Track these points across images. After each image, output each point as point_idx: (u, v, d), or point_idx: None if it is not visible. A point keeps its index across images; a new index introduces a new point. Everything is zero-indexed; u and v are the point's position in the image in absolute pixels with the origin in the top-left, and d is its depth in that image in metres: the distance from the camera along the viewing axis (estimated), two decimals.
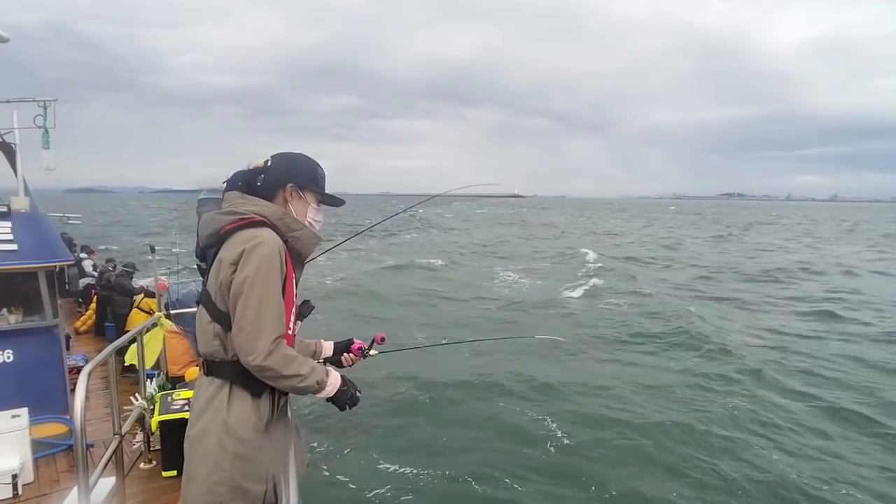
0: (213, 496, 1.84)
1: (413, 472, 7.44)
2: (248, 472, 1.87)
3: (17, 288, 5.61)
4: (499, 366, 11.52)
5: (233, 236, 1.90)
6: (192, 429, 1.93)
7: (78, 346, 9.54)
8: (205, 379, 1.95)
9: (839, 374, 11.63)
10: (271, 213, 1.97)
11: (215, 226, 1.96)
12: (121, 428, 3.89)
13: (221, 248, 1.92)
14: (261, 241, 1.85)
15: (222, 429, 1.85)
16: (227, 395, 1.89)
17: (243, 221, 1.91)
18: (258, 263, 1.81)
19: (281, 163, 2.08)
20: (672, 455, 7.88)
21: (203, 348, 1.95)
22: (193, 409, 1.97)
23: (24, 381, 5.33)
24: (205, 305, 1.95)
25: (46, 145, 6.92)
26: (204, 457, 1.85)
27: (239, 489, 1.85)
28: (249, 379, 1.88)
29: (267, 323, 1.80)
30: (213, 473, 1.84)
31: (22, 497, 4.45)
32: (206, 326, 1.92)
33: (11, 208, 5.74)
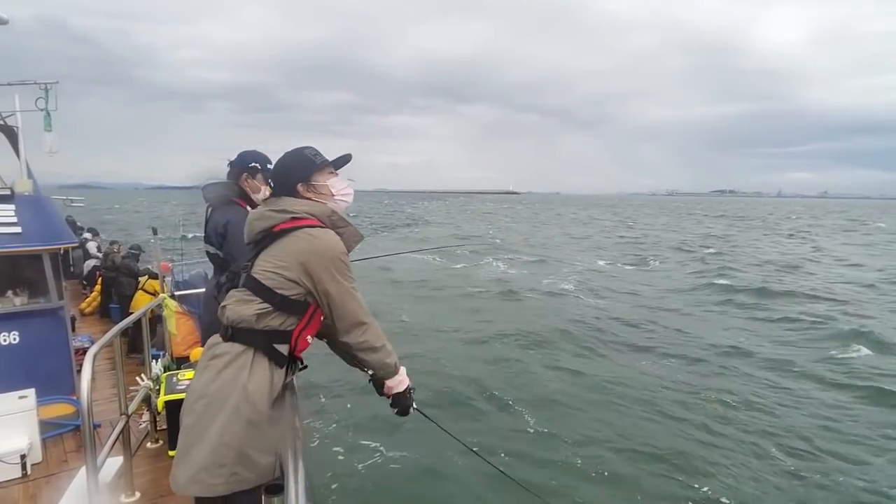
0: (218, 457, 1.85)
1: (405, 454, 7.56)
2: (257, 442, 1.89)
3: (21, 270, 5.63)
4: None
5: (290, 234, 2.02)
6: (207, 386, 1.94)
7: (83, 327, 9.62)
8: (224, 345, 2.00)
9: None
10: (321, 212, 2.10)
11: (268, 223, 2.07)
12: (127, 408, 3.93)
13: (279, 243, 2.03)
14: (325, 238, 2.03)
15: (241, 393, 1.89)
16: (250, 361, 1.95)
17: (297, 222, 2.04)
18: (338, 261, 2.02)
19: (277, 174, 2.23)
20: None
21: (235, 319, 1.99)
22: (207, 368, 1.99)
23: (30, 362, 5.37)
24: (251, 288, 2.02)
25: (48, 128, 6.90)
26: (216, 416, 1.87)
27: (244, 456, 1.87)
28: (273, 349, 1.99)
29: (361, 305, 2.10)
30: (223, 435, 1.86)
31: (31, 477, 4.51)
32: (248, 303, 2.00)
33: (15, 191, 5.74)
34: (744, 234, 51.26)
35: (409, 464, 7.34)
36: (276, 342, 1.99)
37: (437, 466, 7.21)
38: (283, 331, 2.02)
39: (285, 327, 2.02)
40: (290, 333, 2.03)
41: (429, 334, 13.58)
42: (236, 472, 1.88)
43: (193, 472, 1.88)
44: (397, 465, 7.31)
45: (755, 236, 47.99)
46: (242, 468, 1.88)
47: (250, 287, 2.02)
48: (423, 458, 7.46)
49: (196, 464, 1.87)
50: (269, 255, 2.04)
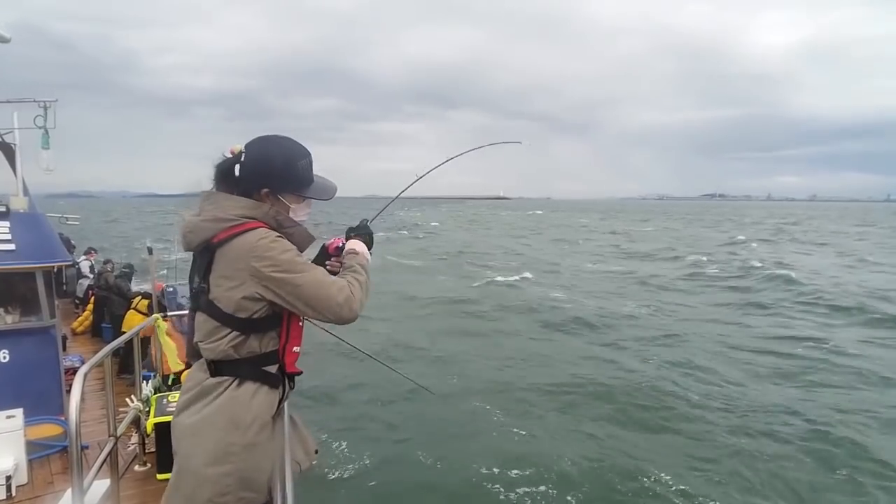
0: (221, 487, 1.81)
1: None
2: (257, 463, 1.86)
3: (14, 288, 5.60)
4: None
5: (228, 245, 1.84)
6: (191, 417, 1.89)
7: (75, 346, 9.54)
8: (211, 379, 1.91)
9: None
10: (261, 214, 1.90)
11: (205, 234, 1.88)
12: (116, 430, 3.87)
13: (219, 260, 1.86)
14: (261, 244, 1.81)
15: (231, 424, 1.84)
16: (238, 388, 1.88)
17: (235, 229, 1.84)
18: (279, 263, 1.81)
19: (253, 162, 1.94)
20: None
21: (212, 354, 1.90)
22: (194, 404, 1.92)
23: (19, 381, 5.31)
24: (213, 316, 1.89)
25: (46, 146, 6.92)
26: (210, 456, 1.82)
27: (246, 480, 1.84)
28: (262, 373, 1.91)
29: (328, 291, 1.85)
30: (221, 465, 1.81)
31: (16, 499, 4.43)
32: (216, 335, 1.88)
33: (10, 208, 5.73)
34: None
35: (400, 476, 7.30)
36: (263, 365, 1.92)
37: (428, 480, 7.21)
38: (267, 352, 1.92)
39: (268, 349, 1.92)
40: (276, 353, 1.94)
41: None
42: (241, 496, 1.86)
43: (198, 502, 1.84)
44: (387, 478, 7.26)
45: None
46: (246, 491, 1.86)
47: (211, 313, 1.89)
48: (413, 472, 7.44)
49: (198, 495, 1.84)
50: (217, 274, 1.86)
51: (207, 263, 1.90)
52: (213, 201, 1.93)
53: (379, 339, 13.50)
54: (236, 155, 1.95)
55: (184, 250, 2.01)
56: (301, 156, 2.00)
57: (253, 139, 1.99)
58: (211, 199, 1.94)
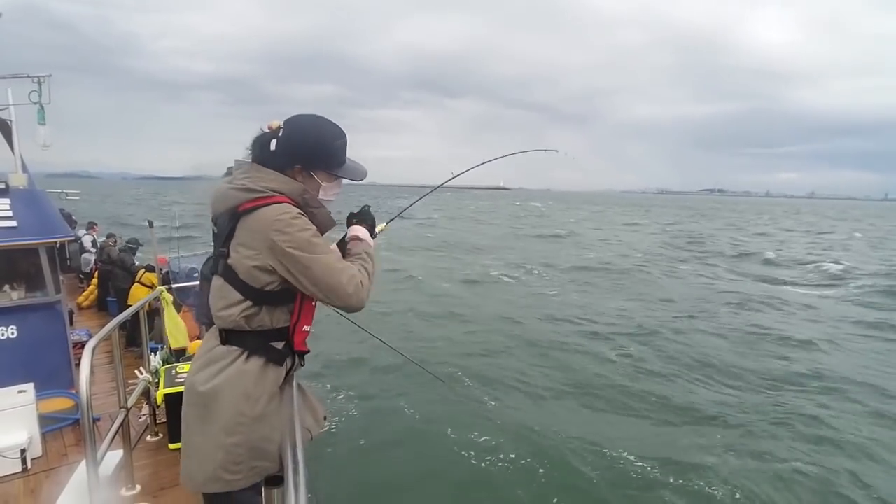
0: (232, 456, 1.86)
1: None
2: (267, 434, 1.90)
3: (18, 264, 5.61)
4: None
5: (252, 215, 1.87)
6: (203, 385, 1.92)
7: (81, 321, 9.61)
8: (220, 348, 1.95)
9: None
10: (290, 189, 1.93)
11: (231, 202, 1.91)
12: (126, 401, 3.93)
13: (241, 228, 1.89)
14: (283, 219, 1.84)
15: (241, 394, 1.87)
16: (246, 362, 1.91)
17: (262, 200, 1.87)
18: (297, 241, 1.83)
19: (289, 138, 1.97)
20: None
21: (223, 322, 1.94)
22: (205, 369, 1.95)
23: (29, 356, 5.36)
24: (230, 282, 1.92)
25: (42, 121, 6.86)
26: (221, 418, 1.87)
27: (257, 449, 1.89)
28: (269, 349, 1.94)
29: (339, 278, 1.88)
30: (231, 435, 1.86)
31: (31, 471, 4.51)
32: (231, 302, 1.92)
33: (10, 185, 5.71)
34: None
35: (408, 453, 7.40)
36: (271, 341, 1.96)
37: (435, 459, 7.30)
38: (278, 328, 1.96)
39: (278, 325, 1.95)
40: (286, 330, 1.97)
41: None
42: (254, 465, 1.90)
43: (211, 471, 1.88)
44: (397, 455, 7.35)
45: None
46: (258, 460, 1.90)
47: (228, 278, 1.93)
48: (422, 451, 7.53)
49: (212, 463, 1.88)
50: (238, 241, 1.90)
51: (231, 230, 1.93)
52: (245, 171, 1.96)
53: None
54: (274, 130, 1.98)
55: (211, 216, 2.04)
56: (336, 136, 2.04)
57: (292, 116, 2.02)
58: (243, 169, 1.97)
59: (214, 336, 2.01)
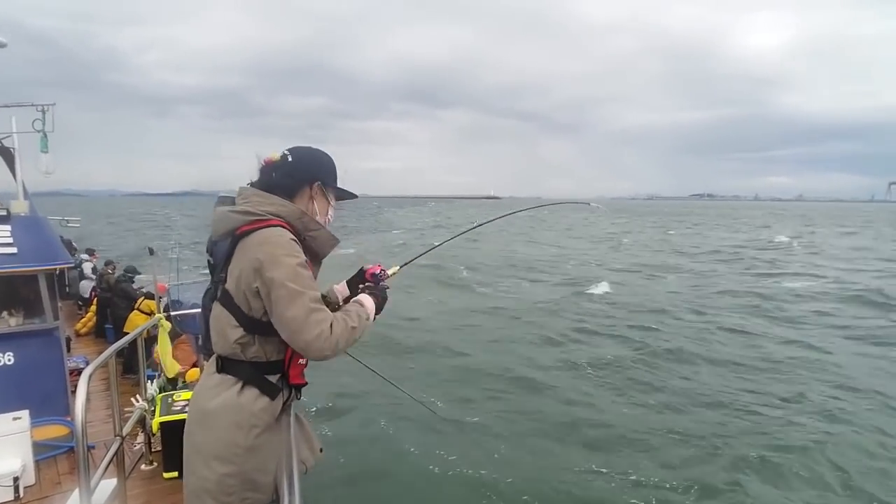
0: (224, 488, 1.85)
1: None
2: (260, 465, 1.89)
3: (17, 291, 5.63)
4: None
5: (248, 238, 1.87)
6: (195, 424, 1.94)
7: (78, 348, 9.57)
8: (216, 376, 1.96)
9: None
10: (289, 213, 1.94)
11: (229, 225, 1.93)
12: (122, 429, 3.91)
13: (238, 251, 1.90)
14: (274, 240, 1.84)
15: (234, 424, 1.87)
16: (240, 393, 1.90)
17: (258, 224, 1.88)
18: (280, 265, 1.80)
19: (305, 159, 2.07)
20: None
21: (220, 349, 1.95)
22: (200, 403, 1.96)
23: (25, 383, 5.35)
24: (225, 307, 1.93)
25: (45, 149, 6.93)
26: (213, 452, 1.86)
27: (250, 481, 1.88)
28: (264, 381, 1.93)
29: (305, 318, 1.79)
30: (223, 465, 1.85)
31: (23, 499, 4.47)
32: (227, 328, 1.92)
33: (11, 212, 5.75)
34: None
35: (402, 486, 7.31)
36: (266, 373, 1.94)
37: (429, 492, 7.21)
38: (272, 361, 1.94)
39: (273, 357, 1.94)
40: (281, 363, 1.96)
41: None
42: (245, 496, 1.89)
43: (203, 501, 1.88)
44: (391, 488, 7.27)
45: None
46: (250, 492, 1.89)
47: (224, 304, 1.93)
48: (422, 474, 7.50)
49: (203, 495, 1.88)
50: (233, 265, 1.90)
51: (229, 254, 1.95)
52: (246, 197, 1.98)
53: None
54: (283, 157, 2.03)
55: (212, 240, 2.07)
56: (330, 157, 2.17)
57: (290, 147, 2.08)
58: (245, 195, 1.99)
59: (213, 363, 2.02)
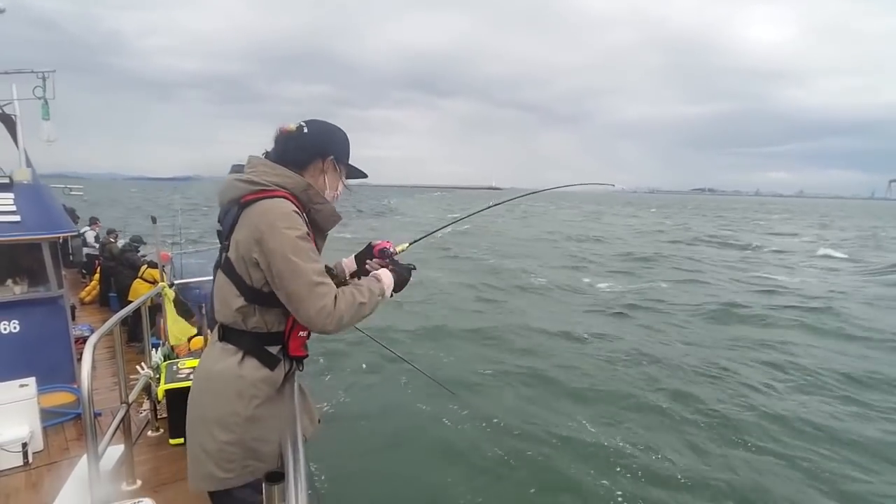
0: (226, 455, 1.87)
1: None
2: (261, 434, 1.90)
3: (21, 259, 5.63)
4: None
5: (251, 207, 1.87)
6: (198, 390, 1.96)
7: (83, 316, 9.63)
8: (218, 344, 1.96)
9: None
10: (294, 184, 1.93)
11: (235, 193, 1.93)
12: (128, 397, 3.95)
13: (241, 220, 1.89)
14: (274, 211, 1.83)
15: (234, 393, 1.88)
16: (241, 362, 1.91)
17: (263, 193, 1.87)
18: (281, 236, 1.79)
19: (321, 132, 2.05)
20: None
21: (222, 317, 1.95)
22: (203, 371, 1.98)
23: (30, 351, 5.38)
24: (227, 275, 1.93)
25: (46, 116, 6.88)
26: (214, 418, 1.88)
27: (251, 450, 1.89)
28: (264, 352, 1.93)
29: (309, 291, 1.79)
30: (225, 433, 1.87)
31: (32, 465, 4.53)
32: (229, 296, 1.92)
33: (13, 180, 5.73)
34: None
35: (409, 451, 7.43)
36: (266, 344, 1.95)
37: (435, 460, 7.31)
38: (273, 332, 1.95)
39: (274, 329, 1.94)
40: (281, 334, 1.96)
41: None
42: (246, 464, 1.90)
43: (204, 470, 1.90)
44: (398, 453, 7.38)
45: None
46: (251, 460, 1.91)
47: (227, 272, 1.93)
48: (423, 443, 7.61)
49: (205, 462, 1.89)
50: (237, 234, 1.90)
51: (233, 222, 1.94)
52: (254, 166, 1.97)
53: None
54: (299, 129, 2.01)
55: (219, 207, 2.05)
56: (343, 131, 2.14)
57: (307, 119, 2.06)
58: (253, 164, 1.98)
59: (216, 332, 2.02)
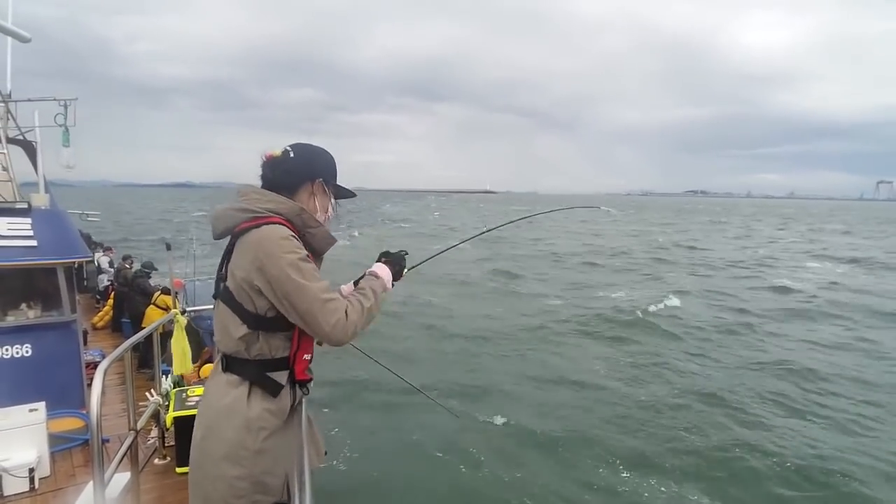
0: (235, 490, 1.82)
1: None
2: (269, 467, 1.86)
3: (36, 283, 5.68)
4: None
5: (247, 235, 1.84)
6: (204, 424, 1.91)
7: (95, 341, 9.66)
8: (222, 375, 1.93)
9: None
10: (288, 210, 1.92)
11: (229, 223, 1.91)
12: (136, 423, 3.92)
13: (238, 248, 1.88)
14: (273, 238, 1.82)
15: (243, 426, 1.84)
16: (246, 393, 1.88)
17: (257, 221, 1.86)
18: (282, 261, 1.78)
19: (307, 155, 2.04)
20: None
21: (224, 346, 1.93)
22: (208, 403, 1.94)
23: (41, 375, 5.39)
24: (228, 304, 1.91)
25: (66, 143, 7.01)
26: (222, 453, 1.84)
27: (260, 483, 1.85)
28: (269, 379, 1.90)
29: (321, 308, 1.79)
30: (233, 467, 1.82)
31: (38, 490, 4.50)
32: (231, 325, 1.90)
33: (32, 205, 5.81)
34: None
35: (414, 484, 7.31)
36: (270, 370, 1.91)
37: (442, 492, 7.21)
38: (278, 358, 1.92)
39: (277, 354, 1.92)
40: (286, 360, 1.93)
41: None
42: (256, 499, 1.86)
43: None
44: (403, 486, 7.26)
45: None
46: (260, 494, 1.86)
47: (226, 302, 1.91)
48: (430, 469, 7.56)
49: (215, 497, 1.85)
50: (234, 263, 1.88)
51: (229, 252, 1.93)
52: (245, 194, 1.96)
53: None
54: (285, 153, 2.01)
55: (213, 238, 2.03)
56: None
57: (291, 144, 2.06)
58: (244, 192, 1.97)
59: (219, 362, 1.99)
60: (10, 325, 5.43)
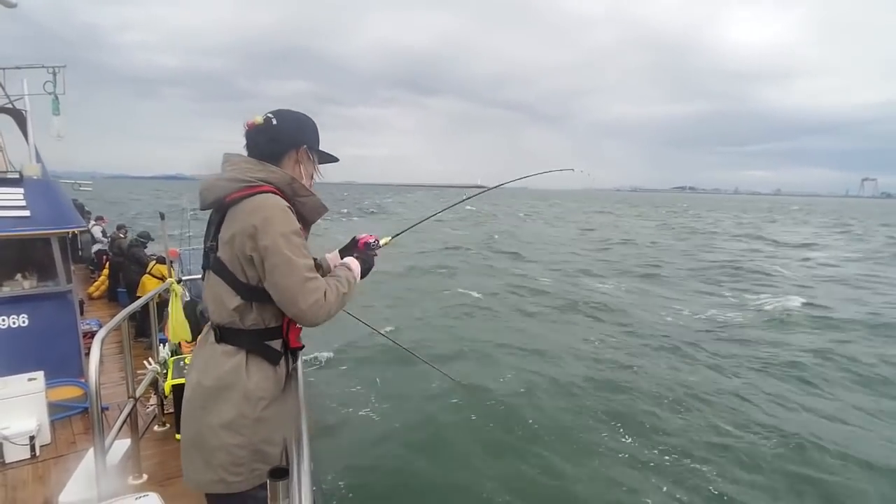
0: (235, 458, 1.85)
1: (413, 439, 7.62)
2: (268, 436, 1.89)
3: (30, 254, 5.67)
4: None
5: (239, 205, 1.83)
6: (207, 388, 1.89)
7: (91, 311, 9.68)
8: (217, 346, 1.93)
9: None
10: (278, 179, 1.91)
11: (219, 193, 1.89)
12: (135, 391, 3.96)
13: (228, 218, 1.86)
14: (267, 207, 1.81)
15: (241, 396, 1.85)
16: (243, 363, 1.88)
17: (249, 190, 1.84)
18: (276, 232, 1.78)
19: (291, 122, 2.03)
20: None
21: (218, 317, 1.93)
22: (202, 374, 1.92)
23: (39, 345, 5.42)
24: (220, 275, 1.90)
25: (56, 112, 6.92)
26: (222, 422, 1.85)
27: (259, 452, 1.88)
28: (266, 348, 1.91)
29: (301, 286, 1.79)
30: (233, 436, 1.84)
31: (39, 458, 4.56)
32: (224, 296, 1.89)
33: (23, 175, 5.76)
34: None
35: (411, 442, 7.44)
36: (266, 339, 1.93)
37: (438, 443, 7.39)
38: (271, 327, 1.93)
39: (272, 324, 1.93)
40: (280, 329, 1.95)
41: None
42: (255, 468, 1.89)
43: (214, 474, 1.87)
44: (400, 445, 7.39)
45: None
46: (260, 463, 1.89)
47: (218, 272, 1.91)
48: (424, 435, 7.62)
49: (215, 465, 1.86)
50: (225, 233, 1.87)
51: (219, 222, 1.92)
52: (233, 163, 1.94)
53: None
54: (267, 121, 1.98)
55: (200, 209, 2.01)
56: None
57: (273, 110, 2.03)
58: (231, 161, 1.96)
59: (209, 333, 1.99)
60: (6, 295, 5.44)
